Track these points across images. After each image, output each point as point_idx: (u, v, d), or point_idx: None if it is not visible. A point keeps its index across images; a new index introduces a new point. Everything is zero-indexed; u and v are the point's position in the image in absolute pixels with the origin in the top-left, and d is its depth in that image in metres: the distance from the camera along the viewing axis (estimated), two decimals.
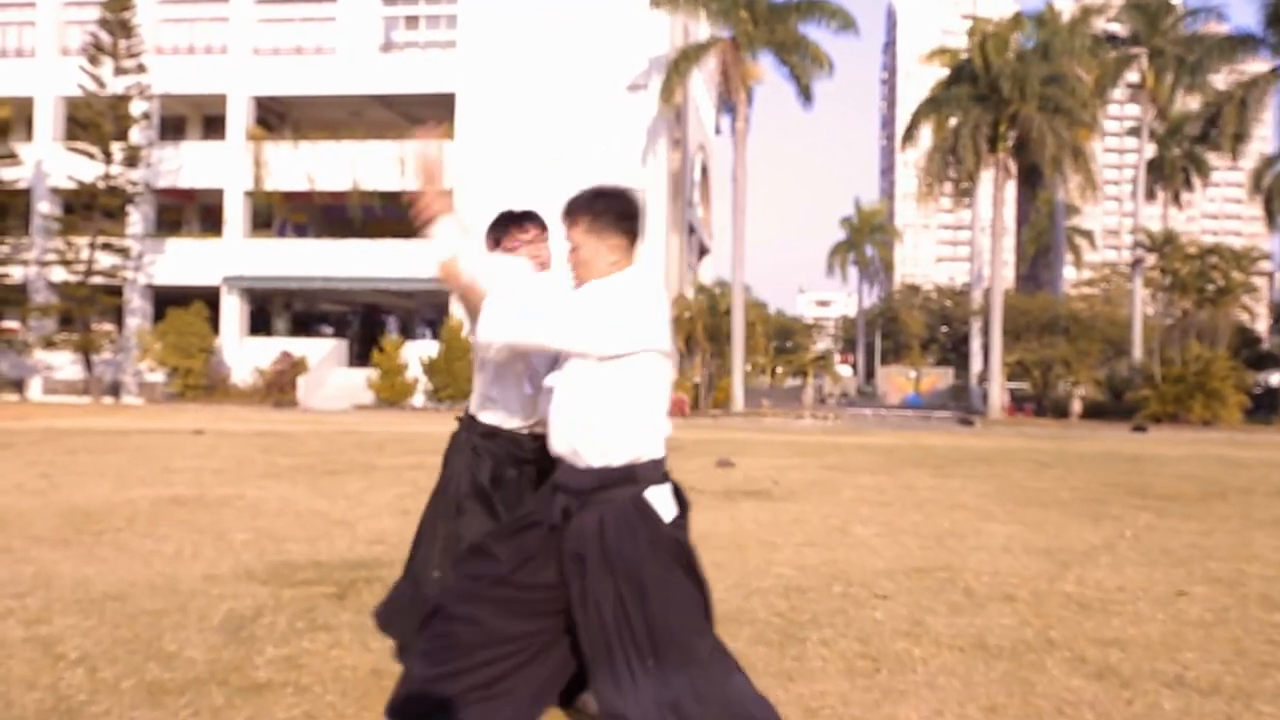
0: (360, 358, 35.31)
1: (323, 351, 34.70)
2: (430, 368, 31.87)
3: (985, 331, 35.49)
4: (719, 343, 34.05)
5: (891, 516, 8.78)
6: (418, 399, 32.40)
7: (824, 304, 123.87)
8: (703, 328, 33.51)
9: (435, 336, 33.84)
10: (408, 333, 37.06)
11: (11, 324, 35.29)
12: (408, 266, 32.66)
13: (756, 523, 8.26)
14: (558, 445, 2.78)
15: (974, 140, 31.75)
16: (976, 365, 39.92)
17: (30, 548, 6.43)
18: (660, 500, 2.71)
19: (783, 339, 67.23)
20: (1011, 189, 44.71)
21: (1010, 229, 66.80)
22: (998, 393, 32.44)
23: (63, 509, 8.17)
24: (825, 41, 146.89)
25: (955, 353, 52.39)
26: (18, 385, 35.09)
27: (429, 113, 35.58)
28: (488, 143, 33.85)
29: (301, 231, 38.55)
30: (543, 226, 3.46)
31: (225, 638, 4.36)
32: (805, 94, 33.05)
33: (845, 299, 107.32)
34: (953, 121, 33.22)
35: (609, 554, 2.64)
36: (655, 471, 2.74)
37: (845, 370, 64.01)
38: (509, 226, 3.42)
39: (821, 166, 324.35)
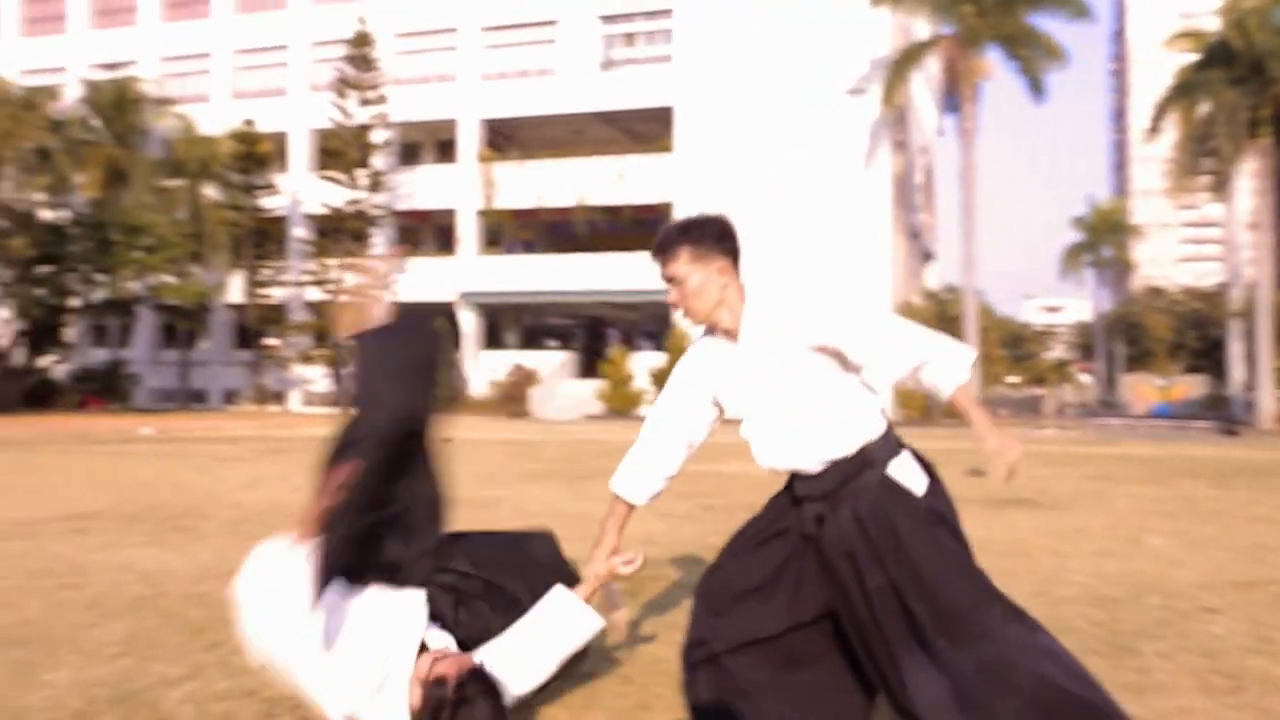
0: (586, 369, 36.13)
1: (553, 363, 35.74)
2: (657, 377, 32.26)
3: (1249, 335, 32.71)
4: None
5: (1182, 527, 8.10)
6: (645, 408, 32.85)
7: (1054, 310, 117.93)
8: None
9: (659, 347, 34.23)
10: (630, 344, 37.70)
11: (274, 341, 38.15)
12: (631, 279, 33.18)
13: (1035, 531, 7.80)
14: (781, 462, 2.70)
15: (1231, 127, 29.37)
16: (1236, 372, 36.86)
17: None
18: (905, 472, 2.60)
19: (1013, 347, 64.37)
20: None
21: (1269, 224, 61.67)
22: (1269, 400, 29.82)
23: None
24: (1054, 32, 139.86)
25: (1206, 359, 48.59)
26: (279, 397, 37.89)
27: (648, 127, 36.20)
28: (706, 155, 34.02)
29: (529, 248, 39.92)
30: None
31: None
32: (1036, 88, 31.55)
33: (1077, 304, 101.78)
34: (1204, 109, 30.86)
35: (875, 546, 2.53)
36: (888, 446, 2.62)
37: (1086, 379, 60.50)
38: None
39: (1042, 166, 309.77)
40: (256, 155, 37.04)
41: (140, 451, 15.54)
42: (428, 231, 40.76)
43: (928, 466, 2.67)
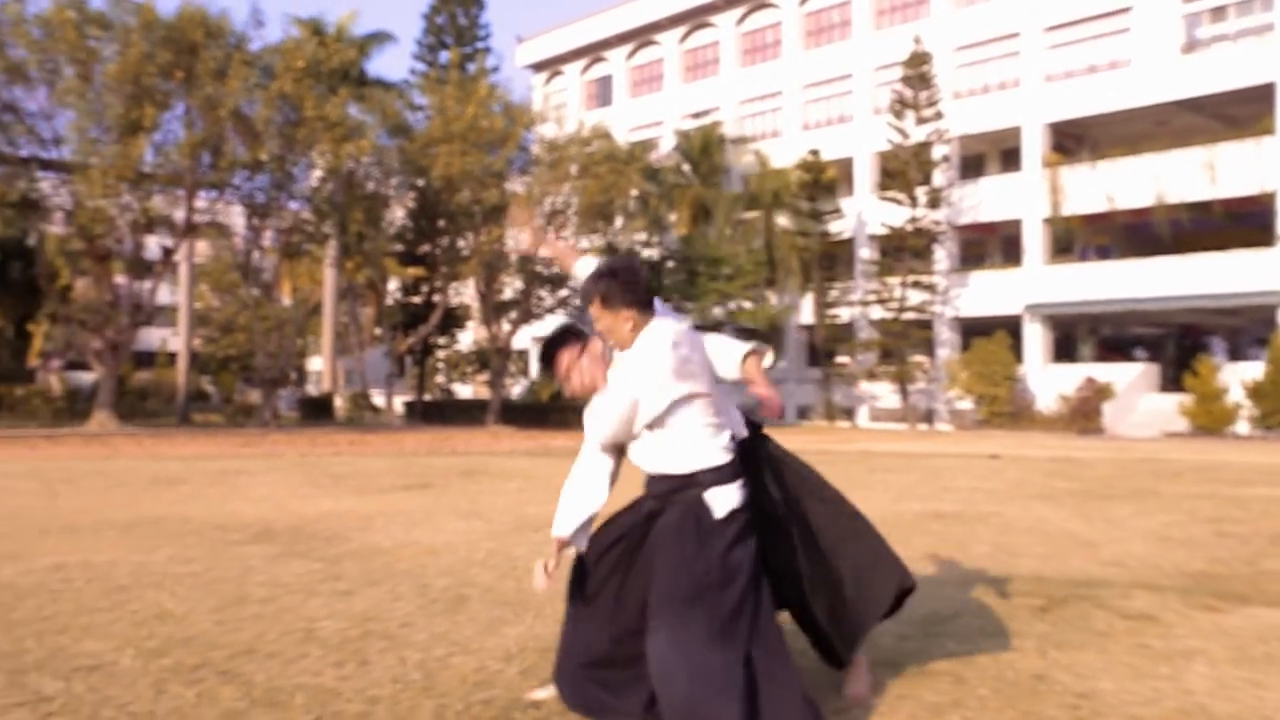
0: (1174, 382, 32.95)
1: (1130, 376, 33.15)
2: (1254, 391, 28.59)
3: None
4: None
5: None
6: (1240, 426, 29.23)
7: None
8: None
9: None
10: (1236, 354, 33.59)
11: (843, 359, 39.88)
12: (1227, 280, 29.79)
13: None
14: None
15: None
16: None
17: None
18: (716, 497, 3.21)
19: None
20: None
21: None
22: None
23: None
24: None
25: None
26: (849, 413, 39.49)
27: (1242, 109, 32.27)
28: None
29: (1104, 254, 37.37)
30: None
31: (917, 630, 4.61)
32: None
33: None
34: None
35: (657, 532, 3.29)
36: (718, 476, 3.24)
37: None
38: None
39: None
40: (823, 182, 39.07)
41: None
42: (993, 244, 39.94)
43: (741, 506, 3.24)
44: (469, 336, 45.69)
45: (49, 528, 8.06)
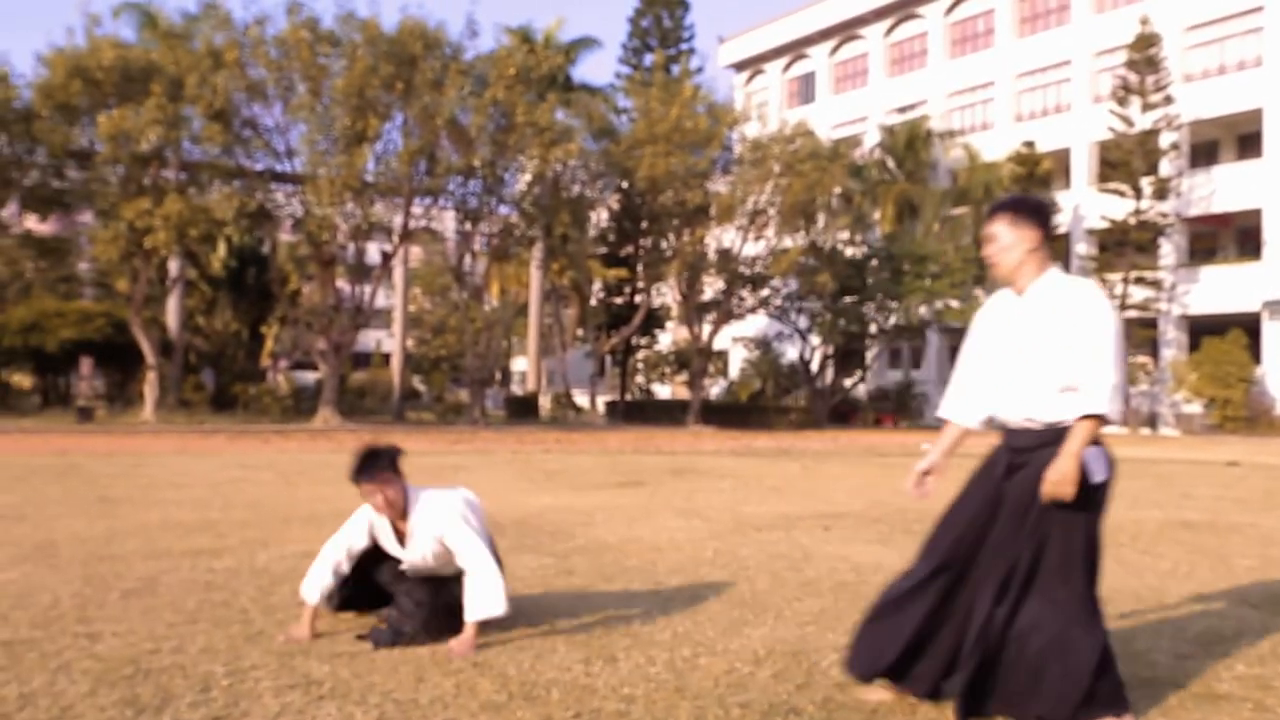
0: None
1: None
2: None
3: None
4: None
5: None
6: None
7: None
8: None
9: None
10: None
11: None
12: None
13: None
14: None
15: None
16: None
17: None
18: (1090, 460, 3.16)
19: None
20: None
21: None
22: None
23: None
24: None
25: None
26: None
27: None
28: None
29: None
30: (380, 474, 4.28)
31: (1197, 649, 4.24)
32: None
33: None
34: None
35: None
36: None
37: None
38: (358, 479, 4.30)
39: None
40: (1036, 175, 37.30)
41: (913, 465, 16.80)
42: (1228, 236, 37.14)
43: (1111, 465, 3.22)
44: (667, 338, 46.08)
45: (291, 516, 8.52)
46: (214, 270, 37.12)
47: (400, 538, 4.42)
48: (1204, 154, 36.54)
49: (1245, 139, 35.55)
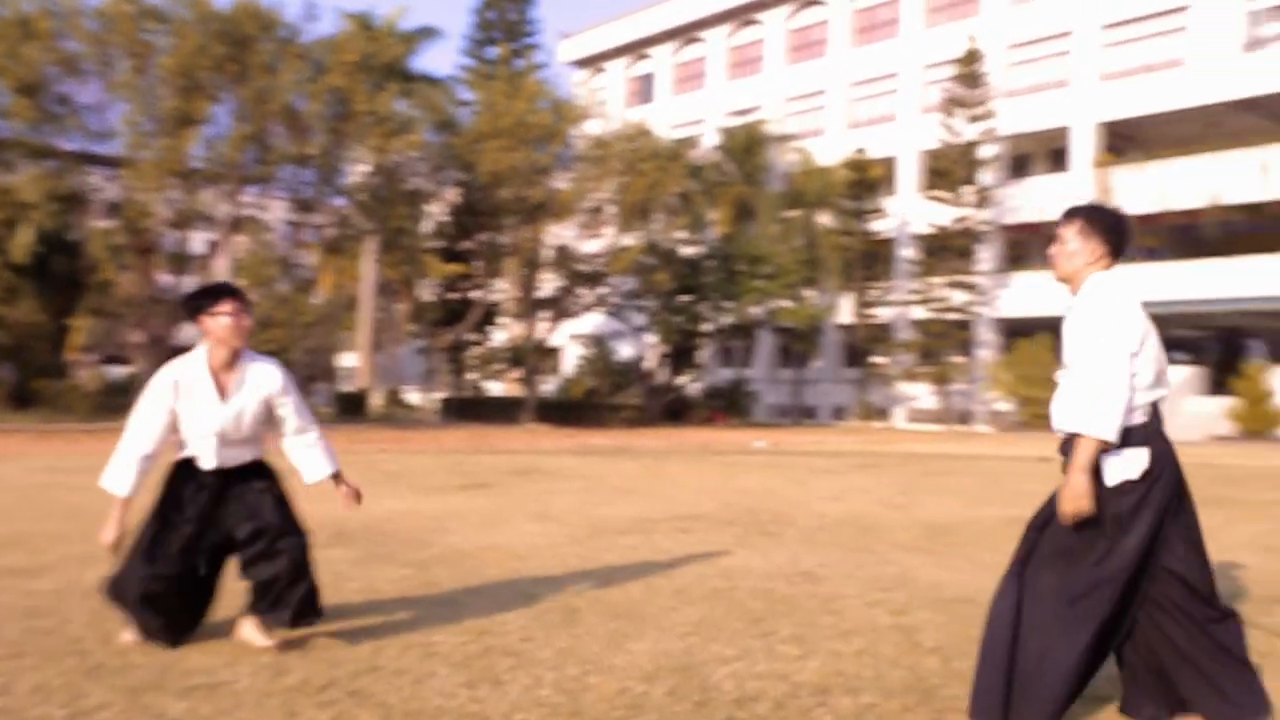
0: (1216, 385, 32.40)
1: (1175, 379, 32.58)
2: None
3: None
4: None
5: None
6: None
7: None
8: None
9: None
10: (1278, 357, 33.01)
11: (880, 359, 39.47)
12: (1275, 284, 29.22)
13: None
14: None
15: None
16: None
17: (892, 552, 7.14)
18: (1112, 463, 3.18)
19: None
20: None
21: None
22: None
23: (919, 522, 8.88)
24: None
25: None
26: (884, 413, 39.08)
27: None
28: None
29: (1152, 255, 36.74)
30: (243, 301, 4.04)
31: None
32: None
33: None
34: None
35: None
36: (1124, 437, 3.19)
37: None
38: (208, 300, 4.12)
39: None
40: (867, 181, 38.64)
41: (750, 463, 17.11)
42: (1037, 244, 39.35)
43: (1147, 474, 3.16)
44: (502, 334, 45.58)
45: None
46: (17, 258, 34.47)
47: (221, 391, 4.17)
48: (1019, 166, 38.64)
49: (1055, 153, 37.77)
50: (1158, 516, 3.17)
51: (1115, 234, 3.39)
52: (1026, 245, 39.21)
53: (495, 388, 47.12)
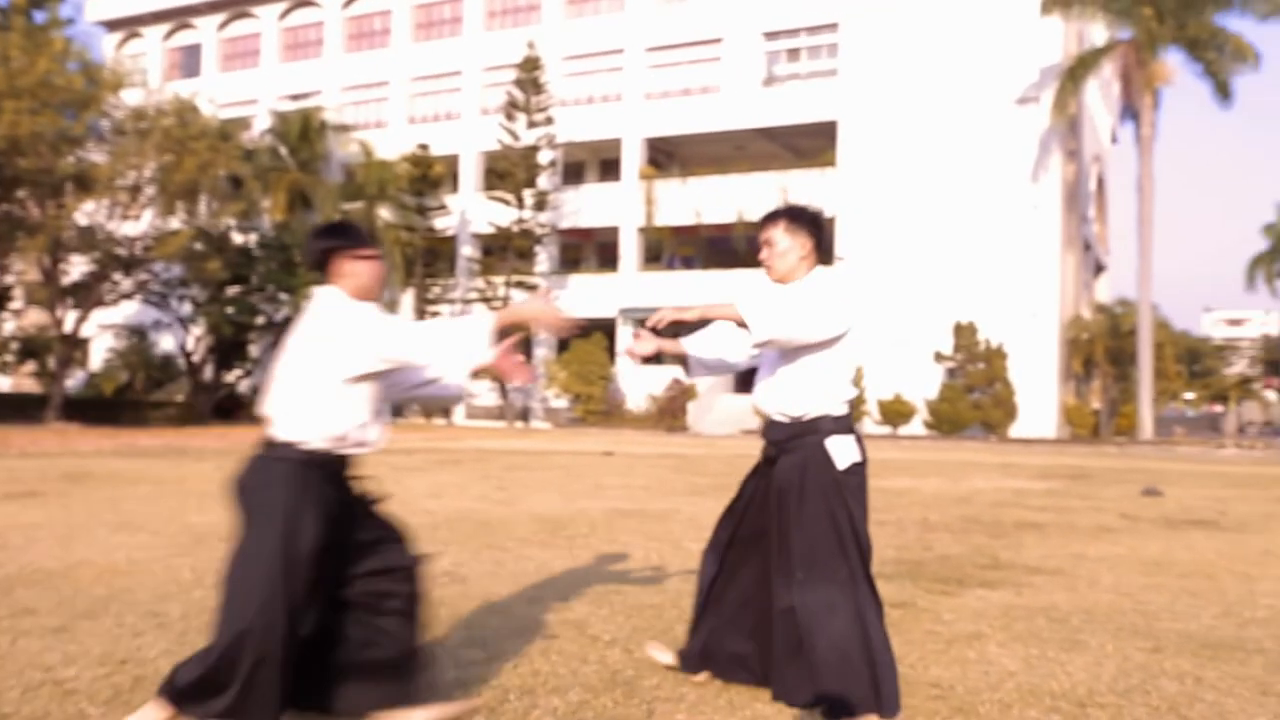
0: (745, 384, 36.29)
1: (710, 378, 36.05)
2: None
3: None
4: (1122, 366, 31.73)
5: None
6: None
7: (1236, 323, 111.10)
8: (1103, 350, 31.38)
9: None
10: None
11: None
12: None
13: (1217, 553, 7.63)
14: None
15: None
16: None
17: (521, 547, 7.26)
18: (838, 447, 3.39)
19: (1190, 362, 61.30)
20: None
21: None
22: None
23: (531, 516, 9.10)
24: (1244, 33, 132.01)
25: None
26: (445, 411, 39.34)
27: (811, 142, 36.15)
28: (870, 169, 33.79)
29: (689, 264, 40.35)
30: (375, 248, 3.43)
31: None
32: (1223, 92, 30.19)
33: (1263, 316, 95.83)
34: None
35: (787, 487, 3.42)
36: (838, 425, 3.44)
37: (1272, 396, 57.20)
38: (351, 240, 3.38)
39: (1226, 172, 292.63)
40: (430, 177, 38.67)
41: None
42: (590, 249, 41.73)
43: (863, 451, 3.44)
44: (10, 323, 40.08)
45: None
46: None
47: None
48: (574, 174, 40.69)
49: (607, 163, 40.26)
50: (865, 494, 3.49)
51: (817, 229, 3.59)
52: (581, 249, 41.42)
53: (1, 383, 41.44)
